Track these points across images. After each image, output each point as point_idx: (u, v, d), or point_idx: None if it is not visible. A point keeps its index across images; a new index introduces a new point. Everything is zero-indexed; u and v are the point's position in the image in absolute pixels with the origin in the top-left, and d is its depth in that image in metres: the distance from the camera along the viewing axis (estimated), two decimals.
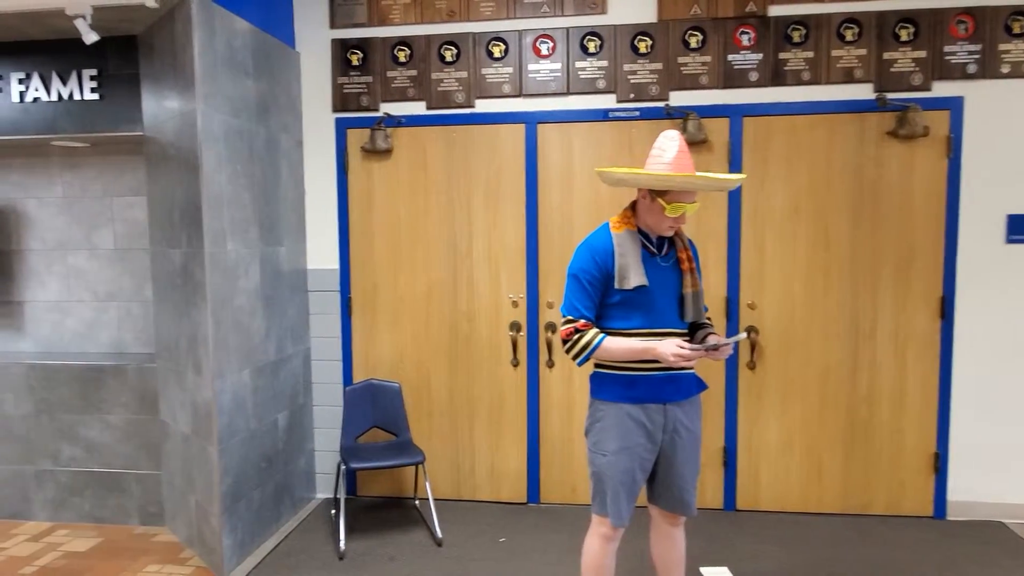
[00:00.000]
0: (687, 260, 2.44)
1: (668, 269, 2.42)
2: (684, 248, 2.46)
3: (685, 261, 2.43)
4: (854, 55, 3.66)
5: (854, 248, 3.74)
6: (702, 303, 2.49)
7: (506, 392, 4.04)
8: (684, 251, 2.45)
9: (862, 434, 3.82)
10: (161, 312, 3.65)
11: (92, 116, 3.66)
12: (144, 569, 3.36)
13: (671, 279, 2.43)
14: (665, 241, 2.44)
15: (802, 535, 3.63)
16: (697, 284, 2.45)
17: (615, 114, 3.82)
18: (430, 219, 4.02)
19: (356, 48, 3.97)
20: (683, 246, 2.46)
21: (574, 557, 3.39)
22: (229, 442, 3.30)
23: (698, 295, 2.45)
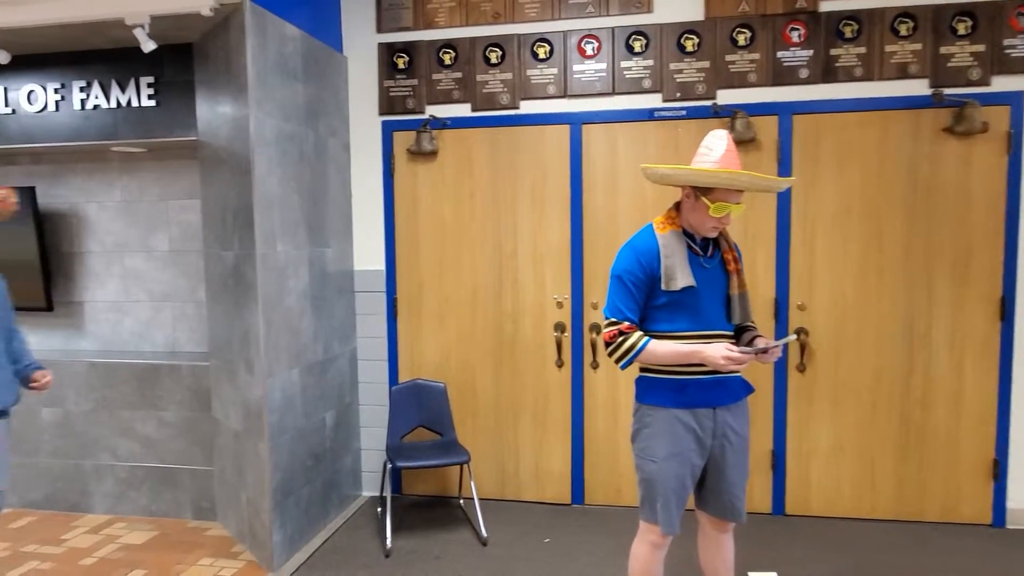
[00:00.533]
0: (733, 261, 2.41)
1: (714, 270, 2.39)
2: (729, 249, 2.43)
3: (731, 262, 2.40)
4: (909, 50, 3.57)
5: (908, 248, 3.65)
6: (749, 305, 2.45)
7: (550, 393, 4.04)
8: (729, 252, 2.42)
9: (917, 438, 3.71)
10: (214, 312, 3.75)
11: (149, 122, 3.78)
12: (198, 562, 3.45)
13: (717, 280, 2.40)
14: (710, 242, 2.41)
15: (853, 541, 3.55)
16: (744, 285, 2.43)
17: (661, 113, 3.79)
18: (475, 220, 4.04)
19: (402, 51, 4.02)
20: (728, 247, 2.43)
21: (620, 560, 3.38)
22: (279, 439, 3.37)
23: (745, 296, 2.42)
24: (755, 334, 2.46)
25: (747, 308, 2.43)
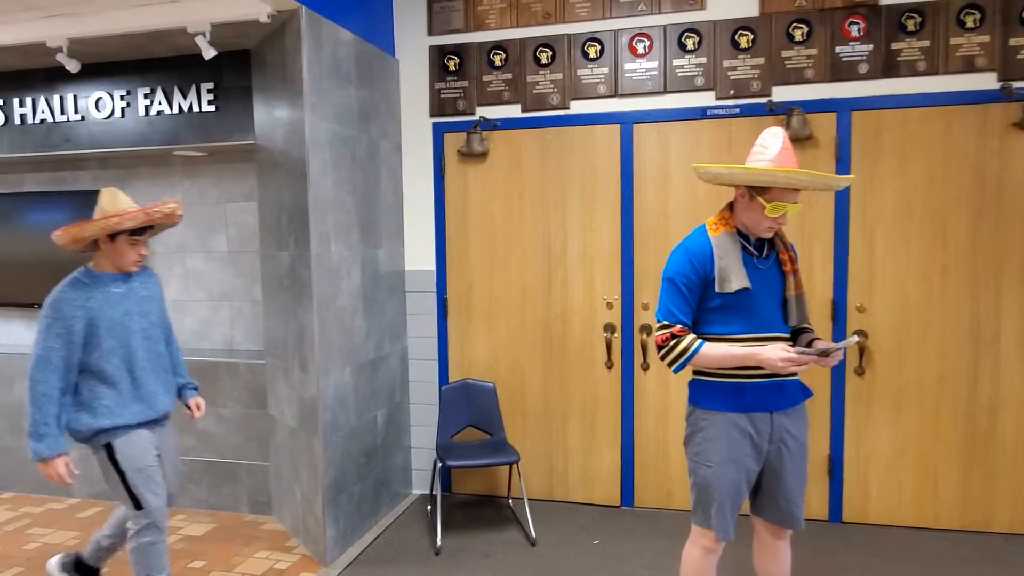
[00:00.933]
0: (789, 261, 2.35)
1: (769, 271, 2.34)
2: (785, 249, 2.37)
3: (787, 263, 2.35)
4: (975, 42, 3.43)
5: (975, 247, 3.51)
6: (806, 306, 2.39)
7: (600, 394, 4.02)
8: (785, 252, 2.36)
9: (983, 446, 3.57)
10: (270, 311, 3.84)
11: (209, 127, 3.90)
12: (254, 555, 3.54)
13: (773, 282, 2.35)
14: (765, 242, 2.36)
15: (915, 551, 3.43)
16: (801, 286, 2.36)
17: (714, 112, 3.73)
18: (524, 221, 4.05)
19: (453, 54, 4.05)
20: (784, 247, 2.37)
21: (670, 563, 3.34)
22: (332, 437, 3.43)
23: (802, 298, 2.36)
24: (812, 336, 2.40)
25: (804, 310, 2.37)
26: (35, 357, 2.53)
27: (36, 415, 2.50)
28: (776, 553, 2.52)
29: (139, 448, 2.66)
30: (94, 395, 2.61)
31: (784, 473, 2.36)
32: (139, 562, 2.68)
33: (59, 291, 2.59)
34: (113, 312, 2.63)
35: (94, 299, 2.60)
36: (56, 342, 2.53)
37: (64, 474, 2.56)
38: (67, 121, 4.13)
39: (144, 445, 2.68)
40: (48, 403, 2.51)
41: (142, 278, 2.80)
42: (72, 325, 2.54)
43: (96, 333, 2.58)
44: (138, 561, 2.68)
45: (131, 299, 2.70)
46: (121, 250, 2.64)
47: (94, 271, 2.68)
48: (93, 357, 2.60)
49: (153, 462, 2.69)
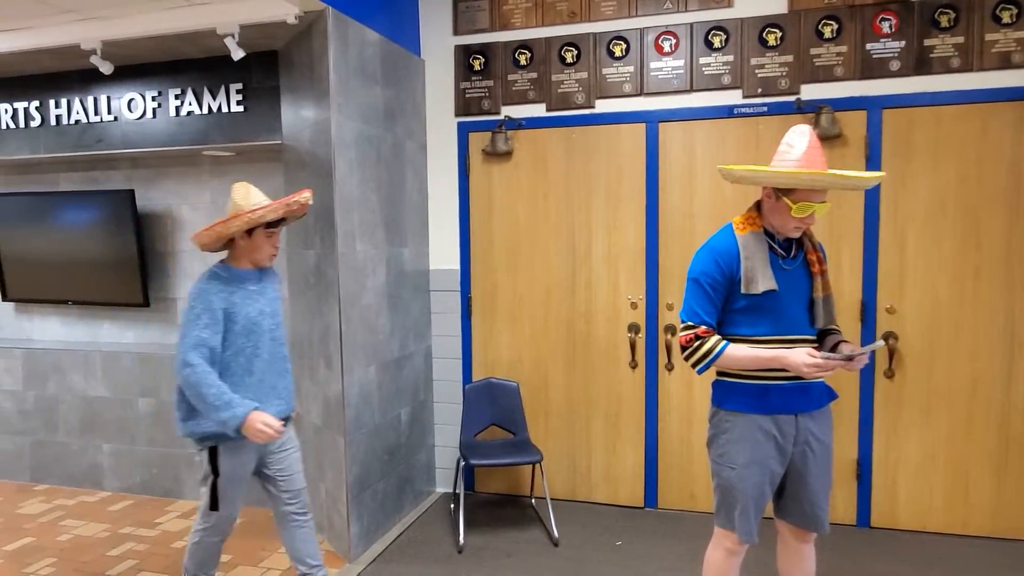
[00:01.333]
0: (817, 263, 2.31)
1: (797, 272, 2.31)
2: (813, 250, 2.33)
3: (815, 264, 2.31)
4: (1012, 38, 3.35)
5: (1010, 247, 3.43)
6: (834, 308, 2.35)
7: (624, 394, 4.00)
8: (813, 253, 2.33)
9: (1017, 451, 3.49)
10: (295, 310, 3.88)
11: (237, 127, 3.95)
12: (279, 550, 3.57)
13: (800, 283, 2.32)
14: (792, 243, 2.33)
15: (944, 558, 3.36)
16: (828, 288, 2.33)
17: (741, 110, 3.69)
18: (549, 220, 4.04)
19: (478, 53, 4.05)
20: (812, 247, 2.33)
21: (693, 565, 3.31)
22: (356, 434, 3.46)
23: (830, 299, 2.33)
24: (839, 339, 2.36)
25: (832, 312, 2.34)
26: (186, 345, 2.46)
27: (208, 391, 2.42)
28: (801, 557, 2.49)
29: (239, 460, 2.62)
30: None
31: (808, 476, 2.34)
32: (194, 554, 2.72)
33: (203, 283, 2.54)
34: (249, 310, 2.57)
35: (236, 294, 2.56)
36: (205, 331, 2.48)
37: (270, 421, 2.45)
38: (100, 122, 4.21)
39: (245, 458, 2.63)
40: (213, 378, 2.45)
41: (270, 277, 2.75)
42: (218, 316, 2.50)
43: (232, 330, 2.53)
44: (194, 553, 2.72)
45: (263, 298, 2.65)
46: (258, 244, 2.59)
47: (231, 267, 2.62)
48: (224, 355, 2.54)
49: (246, 473, 2.66)
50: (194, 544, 2.72)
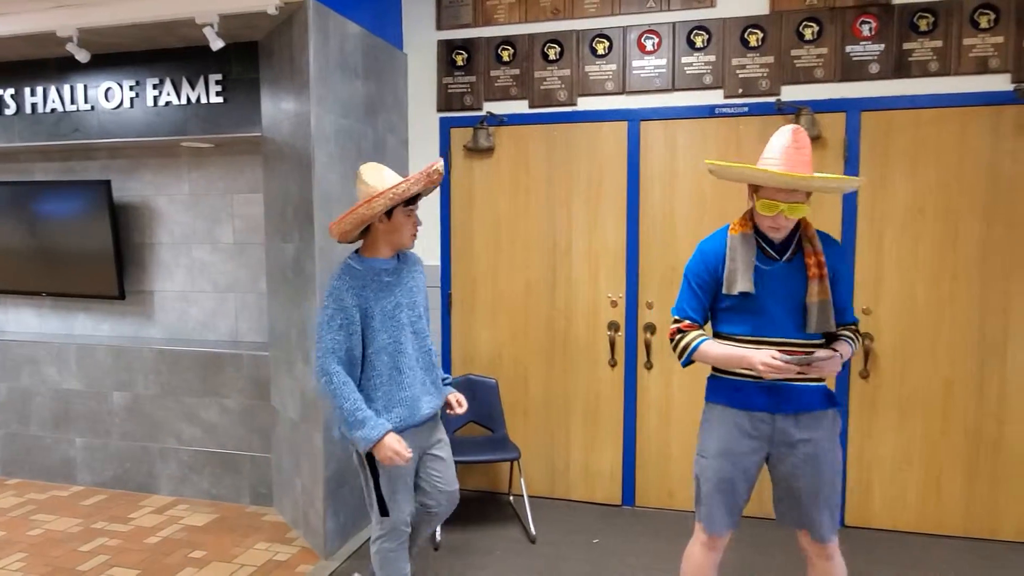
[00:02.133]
0: (814, 267, 2.24)
1: (787, 275, 2.27)
2: (814, 253, 2.26)
3: (812, 267, 2.24)
4: (989, 43, 3.38)
5: (986, 251, 3.46)
6: (830, 313, 2.25)
7: (602, 392, 4.00)
8: (813, 256, 2.25)
9: (990, 453, 3.53)
10: (274, 303, 3.85)
11: (216, 118, 3.91)
12: (254, 546, 3.55)
13: (791, 285, 2.26)
14: (791, 245, 2.29)
15: (918, 558, 3.40)
16: (825, 293, 2.24)
17: (722, 110, 3.70)
18: (530, 217, 4.03)
19: (461, 48, 4.04)
20: (812, 250, 2.26)
21: (669, 564, 3.32)
22: (333, 430, 3.43)
23: (825, 304, 2.24)
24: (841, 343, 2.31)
25: (827, 317, 2.24)
26: (322, 351, 2.36)
27: (346, 404, 2.33)
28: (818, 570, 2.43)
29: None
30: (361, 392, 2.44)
31: (793, 480, 2.32)
32: (380, 566, 2.58)
33: (336, 279, 2.41)
34: (385, 304, 2.43)
35: (369, 288, 2.41)
36: (340, 334, 2.36)
37: (400, 450, 2.34)
38: (77, 111, 4.15)
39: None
40: (350, 389, 2.35)
41: (409, 264, 2.58)
42: (353, 315, 2.38)
43: (371, 326, 2.41)
44: (379, 565, 2.58)
45: (400, 289, 2.49)
46: (399, 224, 2.43)
47: (365, 257, 2.48)
48: (367, 353, 2.42)
49: (407, 471, 2.49)
50: (376, 555, 2.57)
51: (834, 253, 2.32)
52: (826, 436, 2.31)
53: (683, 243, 3.81)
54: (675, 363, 3.85)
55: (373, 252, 2.49)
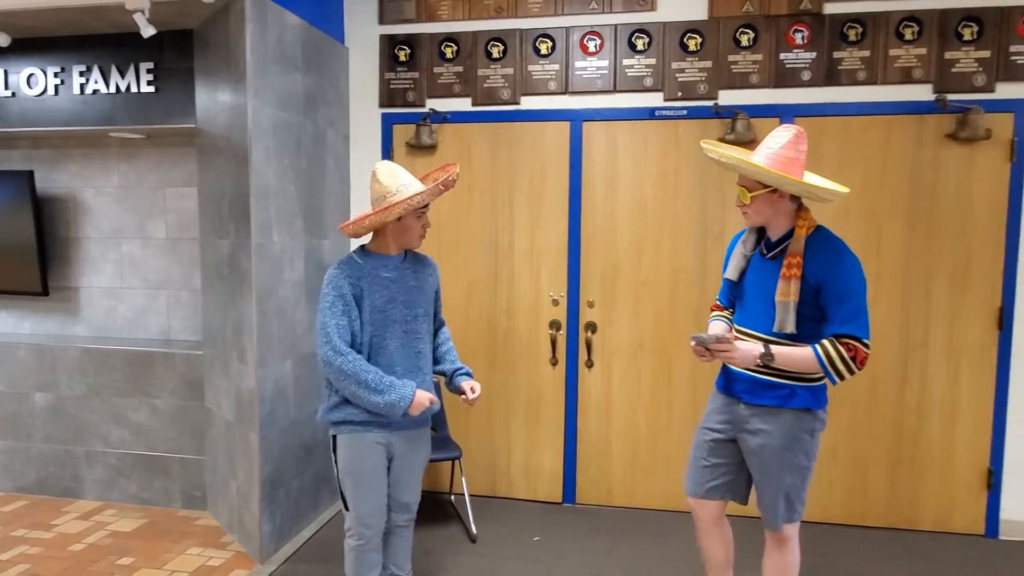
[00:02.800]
0: (786, 267, 2.28)
1: (768, 272, 2.35)
2: (794, 254, 2.28)
3: (785, 267, 2.28)
4: (913, 54, 3.54)
5: (908, 254, 3.62)
6: (789, 315, 2.26)
7: (544, 390, 4.03)
8: (792, 256, 2.28)
9: (911, 447, 3.69)
10: (208, 301, 3.73)
11: (148, 108, 3.77)
12: (186, 552, 3.44)
13: (769, 283, 2.32)
14: (781, 244, 2.36)
15: (844, 548, 3.53)
16: (789, 294, 2.26)
17: (662, 113, 3.77)
18: (472, 215, 4.03)
19: (404, 44, 4.00)
20: (794, 251, 2.28)
21: (609, 559, 3.37)
22: (270, 430, 3.36)
23: (787, 305, 2.27)
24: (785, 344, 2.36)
25: (785, 318, 2.27)
26: (327, 335, 2.39)
27: (369, 376, 2.37)
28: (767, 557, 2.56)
29: (358, 451, 2.49)
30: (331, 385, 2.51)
31: (750, 466, 2.47)
32: (349, 564, 2.59)
33: (336, 268, 2.47)
34: (376, 298, 2.46)
35: (364, 280, 2.46)
36: (343, 319, 2.41)
37: (432, 397, 2.48)
38: None
39: (365, 448, 2.49)
40: (364, 363, 2.40)
41: (417, 266, 2.60)
42: (351, 302, 2.43)
43: (359, 318, 2.45)
44: (347, 561, 2.59)
45: (397, 287, 2.51)
46: (408, 226, 2.48)
47: (370, 252, 2.53)
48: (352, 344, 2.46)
49: (370, 467, 2.50)
50: (346, 551, 2.60)
51: (829, 261, 2.27)
52: (781, 433, 2.35)
53: (624, 242, 3.86)
54: (615, 362, 3.92)
55: (380, 248, 2.54)
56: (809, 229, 2.31)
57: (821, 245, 2.30)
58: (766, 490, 2.42)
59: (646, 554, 3.44)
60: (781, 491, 2.39)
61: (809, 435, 2.38)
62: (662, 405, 3.90)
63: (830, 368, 2.22)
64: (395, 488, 2.62)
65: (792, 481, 2.38)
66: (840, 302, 2.23)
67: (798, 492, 2.41)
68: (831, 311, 2.25)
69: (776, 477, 2.39)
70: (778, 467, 2.38)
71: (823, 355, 2.23)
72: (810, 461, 2.40)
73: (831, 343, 2.23)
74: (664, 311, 3.85)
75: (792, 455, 2.37)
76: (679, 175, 3.78)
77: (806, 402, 2.35)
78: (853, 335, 2.22)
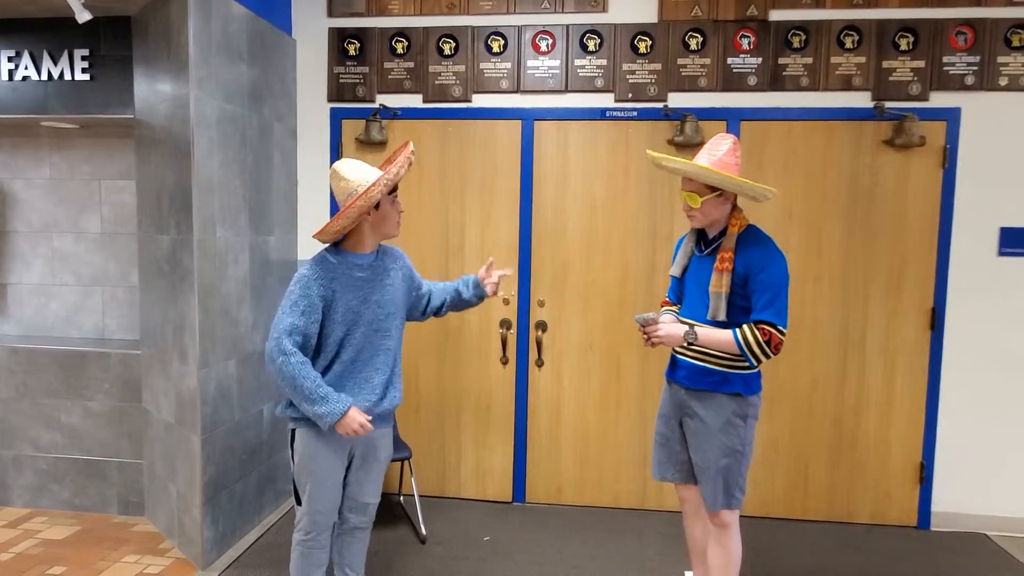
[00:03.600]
0: (720, 261, 2.46)
1: (707, 267, 2.52)
2: (727, 249, 2.46)
3: (717, 261, 2.47)
4: (853, 63, 3.65)
5: (846, 256, 3.74)
6: (721, 305, 2.44)
7: (494, 389, 4.02)
8: (724, 251, 2.46)
9: (849, 442, 3.82)
10: (147, 298, 3.60)
11: (83, 97, 3.60)
12: (122, 559, 3.31)
13: (705, 276, 2.52)
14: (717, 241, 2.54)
15: (785, 542, 3.63)
16: (721, 286, 2.44)
17: (612, 113, 3.80)
18: (423, 213, 3.98)
19: (353, 38, 3.93)
20: (726, 247, 2.47)
21: (559, 558, 3.38)
22: (212, 432, 3.26)
23: (719, 296, 2.45)
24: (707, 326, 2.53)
25: (717, 307, 2.45)
26: (279, 331, 2.33)
27: (307, 382, 2.31)
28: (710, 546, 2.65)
29: (315, 447, 2.44)
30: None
31: (692, 449, 2.61)
32: (294, 560, 2.55)
33: (307, 268, 2.40)
34: (350, 299, 2.41)
35: (337, 281, 2.40)
36: (300, 318, 2.34)
37: (363, 422, 2.35)
38: None
39: (325, 444, 2.44)
40: (308, 368, 2.33)
41: (387, 261, 2.55)
42: (316, 304, 2.36)
43: (331, 318, 2.39)
44: (293, 557, 2.55)
45: (371, 286, 2.46)
46: (386, 213, 2.44)
47: (343, 251, 2.46)
48: (319, 345, 2.42)
49: (328, 464, 2.46)
50: (293, 547, 2.56)
51: (755, 255, 2.44)
52: (715, 416, 2.52)
53: (574, 242, 3.88)
54: (565, 360, 3.94)
55: (355, 247, 2.48)
56: (741, 227, 2.50)
57: (751, 241, 2.49)
58: (704, 471, 2.56)
59: (597, 552, 3.46)
60: (717, 472, 2.52)
61: (742, 420, 2.52)
62: (611, 403, 3.93)
63: (747, 350, 2.39)
64: (355, 489, 2.59)
65: (727, 463, 2.51)
66: (762, 291, 2.41)
67: (734, 476, 2.53)
68: (754, 299, 2.43)
69: (712, 458, 2.53)
70: (714, 448, 2.52)
71: (741, 338, 2.40)
72: (744, 447, 2.53)
73: (749, 328, 2.40)
74: (613, 310, 3.89)
75: (727, 438, 2.51)
76: (629, 175, 3.81)
77: (738, 387, 2.51)
78: (770, 321, 2.39)
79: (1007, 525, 3.75)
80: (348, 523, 2.63)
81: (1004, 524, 3.76)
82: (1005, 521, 3.76)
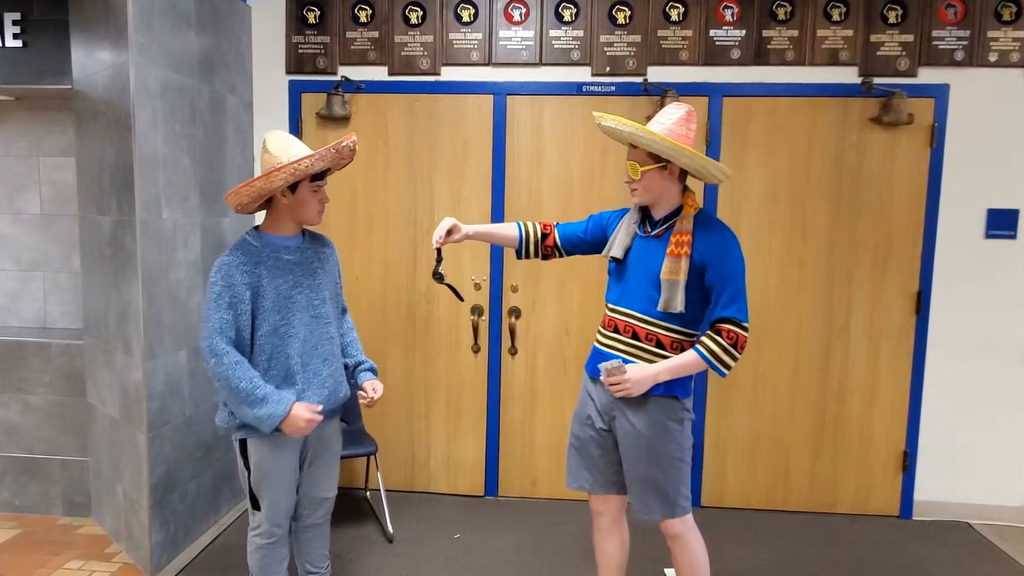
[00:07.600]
0: (674, 244, 2.18)
1: (655, 250, 2.22)
2: (683, 232, 2.19)
3: (672, 245, 2.19)
4: (840, 36, 3.49)
5: (832, 238, 3.60)
6: (676, 295, 2.17)
7: (465, 379, 3.83)
8: (680, 235, 2.19)
9: (831, 431, 3.70)
10: (89, 284, 3.34)
11: (15, 66, 3.31)
12: (65, 565, 3.08)
13: (653, 261, 2.22)
14: (666, 222, 2.25)
15: (767, 533, 3.51)
16: (676, 272, 2.16)
17: (589, 88, 3.60)
18: (389, 193, 3.76)
19: (313, 5, 3.67)
20: (679, 229, 2.20)
21: (532, 555, 3.22)
22: (161, 429, 3.02)
23: (674, 284, 2.16)
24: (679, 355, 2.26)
25: (672, 297, 2.17)
26: (209, 330, 2.14)
27: (242, 384, 2.12)
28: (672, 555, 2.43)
29: (271, 455, 2.27)
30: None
31: (621, 454, 2.34)
32: (256, 561, 2.39)
33: (228, 255, 2.19)
34: (281, 284, 2.22)
35: (263, 265, 2.20)
36: (228, 313, 2.15)
37: (312, 416, 2.20)
38: None
39: (277, 448, 2.27)
40: (244, 368, 2.14)
41: (316, 246, 2.38)
42: (243, 294, 2.16)
43: (262, 306, 2.20)
44: (253, 560, 2.39)
45: (301, 270, 2.28)
46: (303, 200, 2.23)
47: (264, 233, 2.27)
48: (256, 336, 2.22)
49: (283, 468, 2.30)
50: (250, 551, 2.40)
51: (714, 241, 2.20)
52: (649, 423, 2.25)
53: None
54: (540, 349, 3.76)
55: (275, 228, 2.29)
56: (695, 210, 2.25)
57: (707, 226, 2.24)
58: (635, 481, 2.31)
59: (571, 547, 3.31)
60: (656, 485, 2.28)
61: (678, 424, 2.28)
62: None
63: (716, 362, 2.16)
64: (311, 486, 2.44)
65: (665, 474, 2.27)
66: (725, 284, 2.18)
67: (676, 486, 2.29)
68: (715, 293, 2.19)
69: (649, 470, 2.27)
70: (650, 459, 2.26)
71: (706, 352, 2.17)
72: (684, 453, 2.30)
73: (709, 338, 2.18)
74: (592, 294, 3.71)
75: (664, 447, 2.26)
76: (607, 154, 3.62)
77: (670, 388, 2.24)
78: (735, 319, 2.17)
79: (989, 513, 3.68)
80: (305, 520, 2.48)
81: (987, 512, 3.68)
82: (986, 509, 3.68)
